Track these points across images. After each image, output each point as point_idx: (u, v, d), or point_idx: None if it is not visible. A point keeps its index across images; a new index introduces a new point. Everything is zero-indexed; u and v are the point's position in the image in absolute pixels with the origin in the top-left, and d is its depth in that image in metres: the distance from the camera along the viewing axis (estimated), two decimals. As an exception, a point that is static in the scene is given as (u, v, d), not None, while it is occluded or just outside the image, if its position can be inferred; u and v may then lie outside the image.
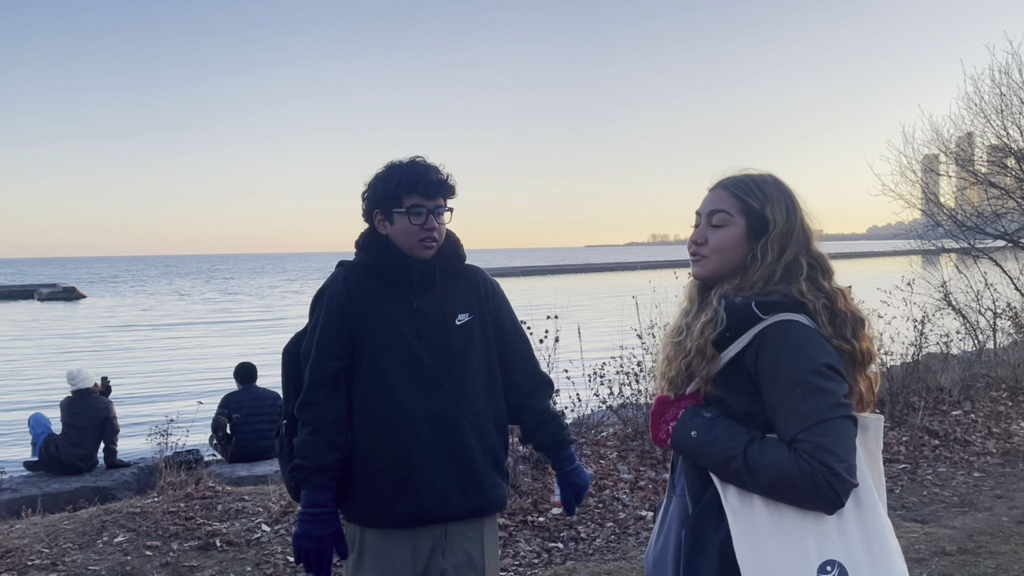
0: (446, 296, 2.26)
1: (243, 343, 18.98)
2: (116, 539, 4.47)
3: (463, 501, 2.20)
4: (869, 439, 1.60)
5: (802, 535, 1.49)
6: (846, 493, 1.47)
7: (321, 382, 2.15)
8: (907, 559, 4.10)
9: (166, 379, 15.02)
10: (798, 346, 1.52)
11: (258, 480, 6.23)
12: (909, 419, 6.68)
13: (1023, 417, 7.15)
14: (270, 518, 4.72)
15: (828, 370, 1.50)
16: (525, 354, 2.39)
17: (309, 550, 2.13)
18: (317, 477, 2.12)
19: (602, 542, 4.57)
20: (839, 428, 1.47)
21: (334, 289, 2.21)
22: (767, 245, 1.63)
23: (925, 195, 11.62)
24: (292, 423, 2.21)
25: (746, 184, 1.69)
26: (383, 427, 2.16)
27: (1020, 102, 10.28)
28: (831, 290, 1.60)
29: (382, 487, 2.16)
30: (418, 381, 2.18)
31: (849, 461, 1.47)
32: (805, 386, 1.48)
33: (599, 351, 6.75)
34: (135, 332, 25.72)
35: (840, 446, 1.46)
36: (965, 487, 5.48)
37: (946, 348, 8.27)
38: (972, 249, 10.90)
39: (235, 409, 7.21)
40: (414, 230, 2.19)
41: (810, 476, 1.45)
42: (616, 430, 6.42)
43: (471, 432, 2.21)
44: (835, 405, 1.48)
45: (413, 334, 2.19)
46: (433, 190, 2.20)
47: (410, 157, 2.25)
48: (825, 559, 1.48)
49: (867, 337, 1.62)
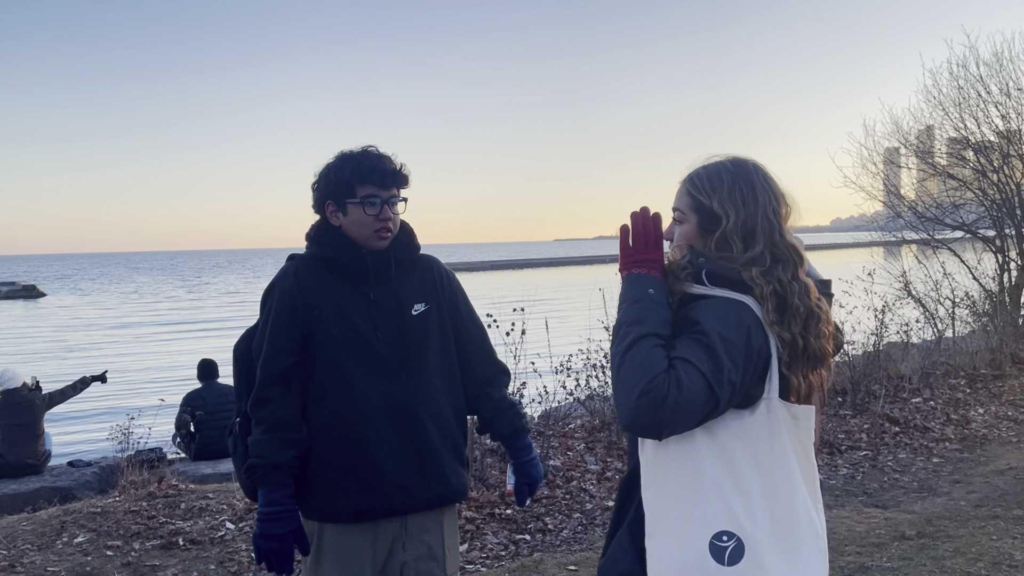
0: (402, 286, 2.23)
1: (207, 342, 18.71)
2: (76, 539, 4.39)
3: (425, 491, 2.19)
4: (800, 429, 1.57)
5: (703, 501, 1.51)
6: (654, 425, 1.45)
7: (273, 379, 2.12)
8: (867, 544, 4.20)
9: (128, 378, 14.76)
10: (727, 318, 1.52)
11: (223, 478, 6.16)
12: (870, 407, 6.80)
13: (981, 404, 7.31)
14: (234, 516, 4.67)
15: (734, 349, 1.49)
16: (482, 343, 2.38)
17: (269, 550, 2.10)
18: (273, 475, 2.09)
19: (569, 533, 4.59)
20: (702, 387, 1.46)
21: (284, 284, 2.18)
22: (725, 240, 1.60)
23: (886, 187, 11.81)
24: (245, 421, 2.18)
25: (698, 179, 1.66)
26: (341, 421, 2.14)
27: (977, 95, 10.49)
28: (788, 282, 1.57)
29: (340, 482, 2.13)
30: (375, 373, 2.15)
31: (684, 414, 1.45)
32: (709, 341, 1.49)
33: (566, 344, 6.77)
34: (96, 331, 25.26)
35: (689, 398, 1.44)
36: (924, 473, 5.59)
37: (906, 337, 8.42)
38: (931, 240, 11.10)
39: (198, 406, 7.12)
40: (368, 220, 2.16)
41: (655, 388, 1.44)
42: (583, 422, 6.44)
43: (431, 422, 2.20)
44: (715, 371, 1.47)
45: (369, 326, 2.16)
46: (388, 180, 2.18)
47: (362, 147, 2.22)
48: (723, 529, 1.50)
49: (823, 335, 1.59)
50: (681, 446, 1.55)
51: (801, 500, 1.55)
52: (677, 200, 1.69)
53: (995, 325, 9.24)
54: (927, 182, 12.63)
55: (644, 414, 1.45)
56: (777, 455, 1.54)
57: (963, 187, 11.13)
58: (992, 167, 10.57)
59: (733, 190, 1.62)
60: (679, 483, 1.54)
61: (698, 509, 1.52)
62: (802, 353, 1.57)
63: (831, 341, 1.62)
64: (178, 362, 15.16)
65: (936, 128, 11.41)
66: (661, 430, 1.47)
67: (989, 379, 8.07)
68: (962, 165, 11.20)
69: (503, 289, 7.57)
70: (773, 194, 1.64)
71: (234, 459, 2.27)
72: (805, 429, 1.58)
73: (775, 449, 1.54)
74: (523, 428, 2.38)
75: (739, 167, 1.65)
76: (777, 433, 1.55)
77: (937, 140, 11.62)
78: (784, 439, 1.55)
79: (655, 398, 1.44)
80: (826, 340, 1.60)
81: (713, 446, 1.54)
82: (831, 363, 1.66)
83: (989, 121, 10.53)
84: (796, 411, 1.57)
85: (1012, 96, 10.33)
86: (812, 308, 1.58)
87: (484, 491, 4.93)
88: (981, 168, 10.68)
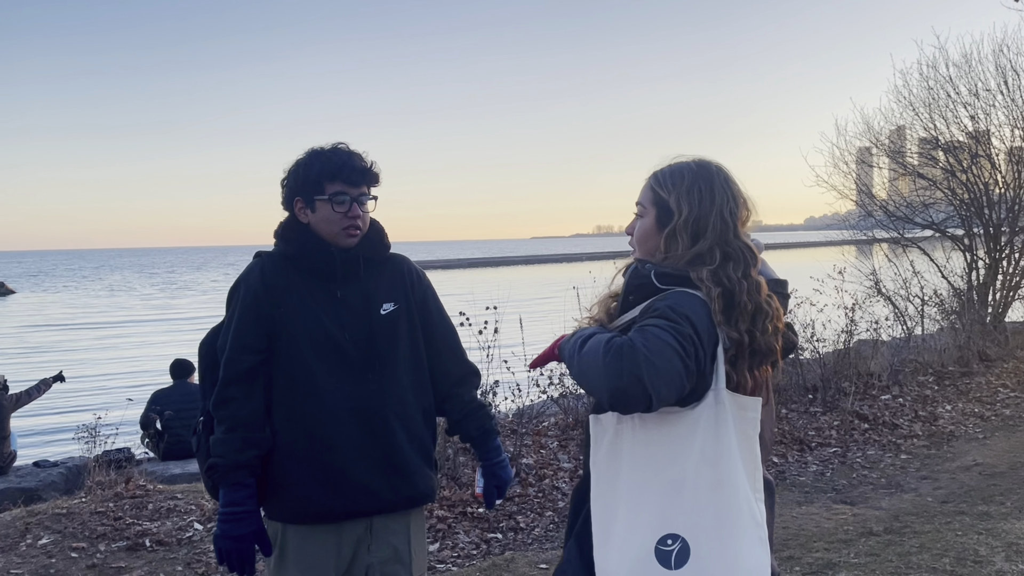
0: (370, 285, 2.21)
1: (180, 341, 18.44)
2: (40, 541, 4.32)
3: (390, 494, 2.16)
4: (746, 421, 1.60)
5: (649, 505, 1.54)
6: (632, 383, 1.44)
7: (236, 377, 2.09)
8: (836, 540, 4.24)
9: (97, 379, 14.55)
10: (673, 301, 1.57)
11: (192, 478, 6.09)
12: (840, 404, 6.87)
13: (948, 401, 7.41)
14: (203, 516, 4.62)
15: (686, 319, 1.52)
16: (452, 344, 2.36)
17: (230, 550, 2.07)
18: (234, 475, 2.06)
19: (541, 531, 4.59)
20: (669, 338, 1.47)
21: (250, 281, 2.15)
22: (673, 235, 1.66)
23: (858, 186, 11.95)
24: (209, 420, 2.15)
25: (662, 175, 1.72)
26: (305, 421, 2.11)
27: (947, 96, 10.64)
28: (737, 280, 1.60)
29: (304, 482, 2.11)
30: (342, 372, 2.13)
31: (656, 362, 1.44)
32: (661, 315, 1.53)
33: (541, 342, 6.76)
34: (66, 330, 24.84)
35: (658, 346, 1.46)
36: (893, 469, 5.65)
37: (876, 335, 8.52)
38: (902, 239, 11.24)
39: (165, 406, 7.04)
40: (337, 218, 2.14)
41: (612, 346, 1.47)
42: (557, 420, 6.44)
43: (398, 423, 2.17)
44: (677, 330, 1.49)
45: (336, 325, 2.14)
46: (357, 177, 2.15)
47: (332, 143, 2.19)
48: (667, 532, 1.52)
49: (770, 331, 1.62)
50: (635, 447, 1.57)
51: (743, 492, 1.56)
52: (641, 195, 1.76)
53: (963, 323, 9.37)
54: (898, 181, 12.80)
55: (618, 370, 1.44)
56: (723, 447, 1.56)
57: (933, 186, 11.29)
58: (961, 167, 10.73)
59: (692, 187, 1.67)
60: (628, 487, 1.56)
61: (643, 514, 1.54)
62: (748, 349, 1.60)
63: (779, 338, 1.65)
64: (145, 367, 14.96)
65: (907, 128, 11.57)
66: (646, 385, 1.44)
67: (957, 376, 8.19)
68: (932, 165, 11.35)
69: (479, 287, 7.55)
70: (731, 195, 1.68)
71: (198, 458, 2.23)
72: (751, 420, 1.60)
73: (720, 441, 1.56)
74: (492, 430, 2.36)
75: (702, 167, 1.71)
76: (724, 424, 1.57)
77: (908, 140, 11.77)
78: (730, 430, 1.57)
79: (619, 349, 1.46)
80: (774, 337, 1.63)
81: (665, 441, 1.56)
82: (779, 360, 1.68)
83: (958, 121, 10.71)
84: (743, 402, 1.60)
85: (981, 97, 10.50)
86: (760, 305, 1.61)
87: (456, 490, 4.92)
88: (950, 168, 10.83)
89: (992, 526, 4.38)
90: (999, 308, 10.39)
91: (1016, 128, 10.48)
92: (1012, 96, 10.35)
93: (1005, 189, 10.63)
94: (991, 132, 10.68)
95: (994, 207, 10.57)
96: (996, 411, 7.17)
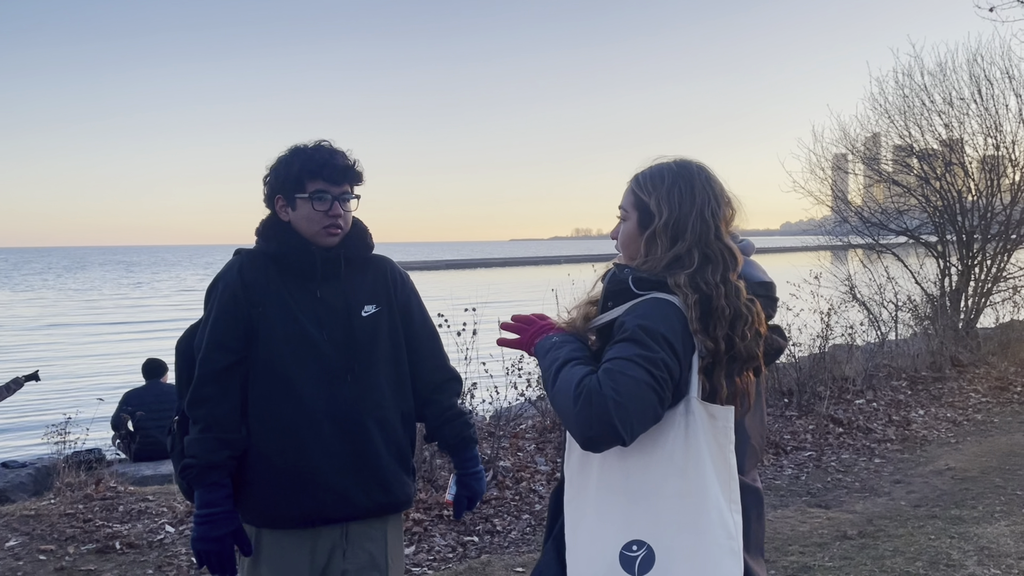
0: (351, 286, 2.18)
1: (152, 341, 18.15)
2: (8, 543, 4.23)
3: (365, 500, 2.13)
4: (718, 430, 1.57)
5: (616, 511, 1.54)
6: (602, 426, 1.44)
7: (211, 377, 2.05)
8: (810, 544, 4.26)
9: (66, 379, 14.31)
10: (650, 313, 1.55)
11: (163, 479, 6.00)
12: (815, 408, 6.91)
13: (921, 406, 7.49)
14: (174, 518, 4.55)
15: (657, 336, 1.51)
16: (434, 349, 2.33)
17: (209, 552, 2.03)
18: (209, 476, 2.02)
19: (517, 534, 4.57)
20: (636, 373, 1.46)
21: (228, 279, 2.11)
22: (653, 237, 1.64)
23: (834, 192, 12.05)
24: (184, 420, 2.11)
25: (643, 177, 1.70)
26: (281, 423, 2.07)
27: (922, 104, 10.75)
28: (716, 284, 1.57)
29: (279, 486, 2.07)
30: (319, 374, 2.09)
31: (625, 402, 1.44)
32: (631, 337, 1.52)
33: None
34: (34, 332, 24.38)
35: (626, 385, 1.45)
36: (867, 473, 5.70)
37: (851, 339, 8.60)
38: (876, 245, 11.35)
39: (137, 406, 6.93)
40: (317, 216, 2.11)
41: (582, 389, 1.47)
42: (535, 422, 6.43)
43: (375, 428, 2.14)
44: (647, 358, 1.48)
45: (315, 325, 2.10)
46: (339, 176, 2.12)
47: (315, 141, 2.16)
48: (632, 538, 1.51)
49: (750, 336, 1.58)
50: (606, 453, 1.56)
51: (714, 501, 1.54)
52: (623, 199, 1.74)
53: (936, 329, 9.48)
54: (873, 188, 12.93)
55: (588, 418, 1.45)
56: (692, 455, 1.54)
57: (907, 193, 11.41)
58: (935, 174, 10.85)
59: (672, 189, 1.65)
60: (597, 493, 1.56)
61: (610, 519, 1.54)
62: (726, 355, 1.56)
63: (760, 343, 1.61)
64: (120, 365, 14.73)
65: (882, 135, 11.68)
66: (619, 429, 1.44)
67: (929, 381, 8.29)
68: (907, 172, 11.48)
69: (457, 289, 7.52)
70: (713, 195, 1.65)
71: (172, 458, 2.19)
72: (723, 429, 1.57)
73: (690, 449, 1.54)
74: (470, 438, 2.32)
75: (682, 167, 1.68)
76: (693, 434, 1.55)
77: (883, 147, 11.89)
78: (700, 439, 1.55)
79: (588, 396, 1.45)
80: (754, 341, 1.59)
81: (635, 450, 1.54)
82: (763, 366, 1.64)
83: (933, 129, 10.83)
84: (714, 411, 1.57)
85: (955, 106, 10.63)
86: (740, 310, 1.57)
87: (432, 492, 4.88)
88: (925, 175, 10.95)
89: (964, 530, 4.43)
90: (971, 314, 10.52)
91: (989, 137, 10.62)
92: (985, 105, 10.49)
93: (978, 197, 10.77)
94: (964, 140, 10.81)
95: (967, 214, 10.71)
96: (968, 416, 7.26)
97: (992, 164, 10.72)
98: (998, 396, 7.94)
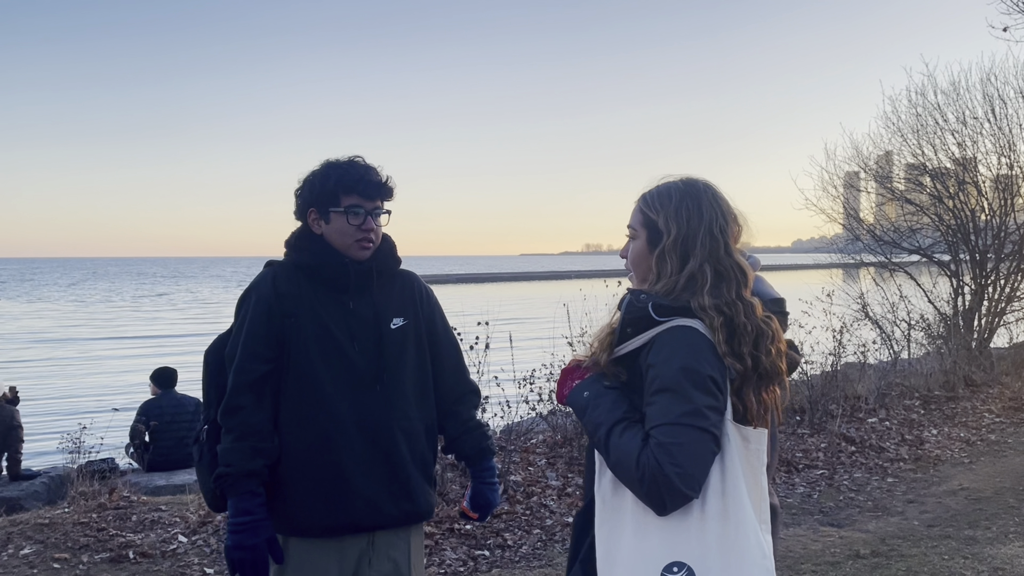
0: (381, 299, 2.22)
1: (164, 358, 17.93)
2: (22, 551, 4.27)
3: (392, 509, 2.16)
4: (751, 453, 1.58)
5: (656, 533, 1.54)
6: (672, 498, 1.50)
7: (246, 386, 2.08)
8: (823, 563, 4.24)
9: (81, 391, 14.37)
10: (681, 350, 1.55)
11: (176, 490, 6.03)
12: (827, 426, 6.89)
13: (935, 425, 7.45)
14: (187, 528, 4.58)
15: (699, 378, 1.53)
16: (456, 362, 2.38)
17: (244, 560, 2.05)
18: (244, 484, 2.04)
19: (528, 549, 4.57)
20: (687, 435, 1.50)
21: (262, 290, 2.15)
22: (663, 256, 1.65)
23: (846, 210, 12.04)
24: (214, 429, 2.13)
25: (651, 196, 1.72)
26: (313, 432, 2.10)
27: (935, 123, 10.76)
28: (733, 301, 1.58)
29: (309, 495, 2.10)
30: (350, 384, 2.13)
31: (686, 469, 1.49)
32: (671, 387, 1.53)
33: (530, 359, 6.77)
34: (51, 344, 24.40)
35: (682, 452, 1.49)
36: (879, 492, 5.67)
37: (863, 358, 8.56)
38: (889, 263, 11.33)
39: (154, 416, 6.96)
40: (351, 230, 2.16)
41: (643, 469, 1.51)
42: (545, 437, 6.43)
43: (402, 438, 2.18)
44: (691, 413, 1.51)
45: (346, 336, 2.14)
46: (373, 191, 2.18)
47: (348, 156, 2.21)
48: (673, 560, 1.52)
49: (773, 352, 1.60)
50: None
51: (750, 522, 1.55)
52: (631, 218, 1.75)
53: (949, 348, 9.44)
54: (885, 206, 12.92)
55: (661, 499, 1.50)
56: (729, 477, 1.55)
57: (920, 212, 11.40)
58: (948, 193, 10.84)
59: (680, 207, 1.66)
60: (634, 516, 1.56)
61: (650, 541, 1.54)
62: (753, 373, 1.58)
63: (783, 358, 1.63)
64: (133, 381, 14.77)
65: (895, 154, 11.69)
66: (687, 491, 1.50)
67: (943, 400, 8.24)
68: (919, 191, 11.47)
69: (468, 302, 7.55)
70: (720, 212, 1.67)
71: (199, 468, 2.21)
72: (755, 452, 1.59)
73: (727, 472, 1.56)
74: (488, 449, 2.36)
75: (689, 185, 1.70)
76: (730, 456, 1.56)
77: (896, 165, 11.90)
78: (736, 461, 1.56)
79: (654, 479, 1.49)
80: (778, 357, 1.61)
81: None
82: (786, 381, 1.66)
83: (946, 148, 10.83)
84: (747, 434, 1.59)
85: (968, 124, 10.63)
86: (760, 326, 1.59)
87: (444, 506, 4.89)
88: (937, 194, 10.94)
89: (978, 551, 4.40)
90: (984, 334, 10.47)
91: (1002, 156, 10.62)
92: (999, 124, 10.49)
93: (991, 216, 10.74)
94: (978, 159, 10.81)
95: (980, 234, 10.68)
96: (982, 436, 7.21)
97: (1006, 183, 10.70)
98: (1012, 416, 7.89)
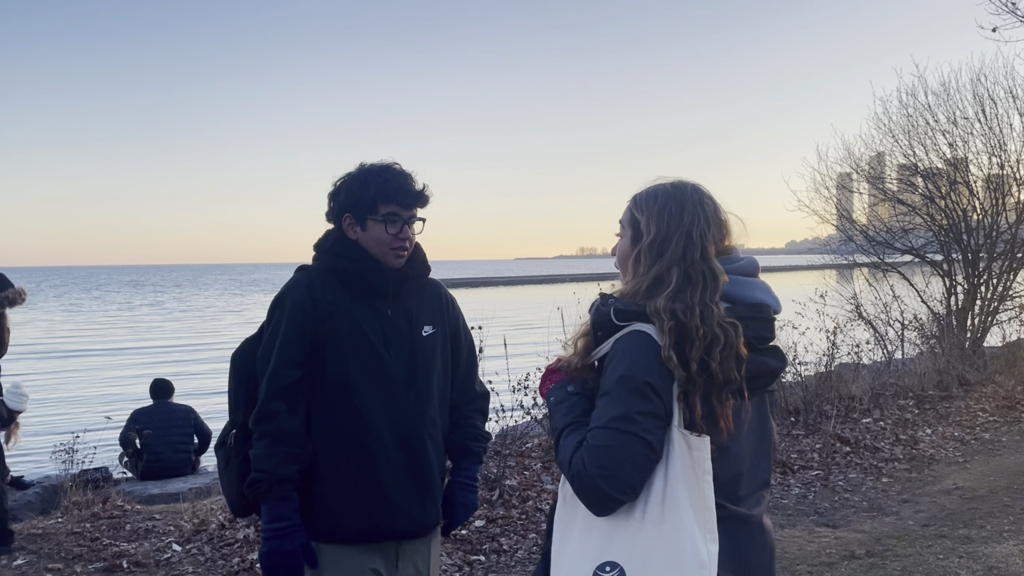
0: (413, 306, 2.23)
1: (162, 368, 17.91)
2: (16, 562, 4.25)
3: (421, 514, 2.17)
4: (694, 460, 1.56)
5: (599, 533, 1.58)
6: (600, 498, 1.53)
7: (280, 392, 2.07)
8: (818, 563, 4.25)
9: (76, 402, 14.30)
10: (626, 356, 1.58)
11: (170, 498, 6.01)
12: (822, 427, 6.90)
13: (928, 424, 7.47)
14: (181, 537, 4.56)
15: (635, 383, 1.54)
16: (473, 370, 2.41)
17: (279, 566, 2.04)
18: (279, 489, 2.03)
19: (524, 554, 4.56)
20: (615, 439, 1.52)
21: (297, 295, 2.13)
22: (639, 256, 1.66)
23: (838, 211, 12.08)
24: (243, 434, 2.12)
25: (640, 196, 1.73)
26: (348, 438, 2.10)
27: (926, 123, 10.80)
28: (691, 306, 1.56)
29: (344, 501, 2.10)
30: (383, 390, 2.13)
31: (611, 471, 1.51)
32: (608, 391, 1.57)
33: (525, 363, 6.77)
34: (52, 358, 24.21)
35: (606, 455, 1.52)
36: (874, 492, 5.67)
37: (857, 358, 8.58)
38: (882, 263, 11.36)
39: (145, 424, 6.94)
40: (388, 238, 2.16)
41: (574, 469, 1.56)
42: (541, 441, 6.43)
43: (430, 445, 2.19)
44: (620, 417, 1.52)
45: (382, 342, 2.14)
46: (411, 200, 2.18)
47: (384, 163, 2.21)
48: (607, 559, 1.55)
49: (726, 359, 1.55)
50: None
51: (688, 529, 1.53)
52: (622, 216, 1.77)
53: (942, 347, 9.47)
54: (878, 207, 12.95)
55: (588, 499, 1.55)
56: (670, 484, 1.55)
57: (912, 212, 11.43)
58: (940, 193, 10.88)
59: (663, 209, 1.67)
60: (584, 515, 1.60)
61: (591, 540, 1.58)
62: (701, 379, 1.55)
63: (738, 366, 1.57)
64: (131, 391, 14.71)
65: (886, 155, 11.73)
66: (616, 496, 1.53)
67: (937, 400, 8.26)
68: (911, 191, 11.51)
69: (464, 306, 7.52)
70: (703, 216, 1.66)
71: (224, 472, 2.20)
72: (699, 460, 1.56)
73: (669, 478, 1.55)
74: (473, 451, 2.36)
75: (677, 188, 1.71)
76: (672, 463, 1.56)
77: (887, 166, 11.94)
78: (677, 469, 1.55)
79: (580, 479, 1.55)
80: (731, 365, 1.56)
81: None
82: (743, 390, 1.59)
83: (937, 149, 10.87)
84: (691, 441, 1.56)
85: (959, 125, 10.68)
86: (715, 333, 1.55)
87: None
88: (929, 194, 10.98)
89: (973, 550, 4.41)
90: (978, 333, 10.50)
91: (993, 156, 10.66)
92: (989, 124, 10.53)
93: (983, 216, 10.78)
94: (969, 159, 10.85)
95: (972, 233, 10.72)
96: (976, 435, 7.23)
97: (997, 183, 10.74)
98: (1006, 415, 7.91)
